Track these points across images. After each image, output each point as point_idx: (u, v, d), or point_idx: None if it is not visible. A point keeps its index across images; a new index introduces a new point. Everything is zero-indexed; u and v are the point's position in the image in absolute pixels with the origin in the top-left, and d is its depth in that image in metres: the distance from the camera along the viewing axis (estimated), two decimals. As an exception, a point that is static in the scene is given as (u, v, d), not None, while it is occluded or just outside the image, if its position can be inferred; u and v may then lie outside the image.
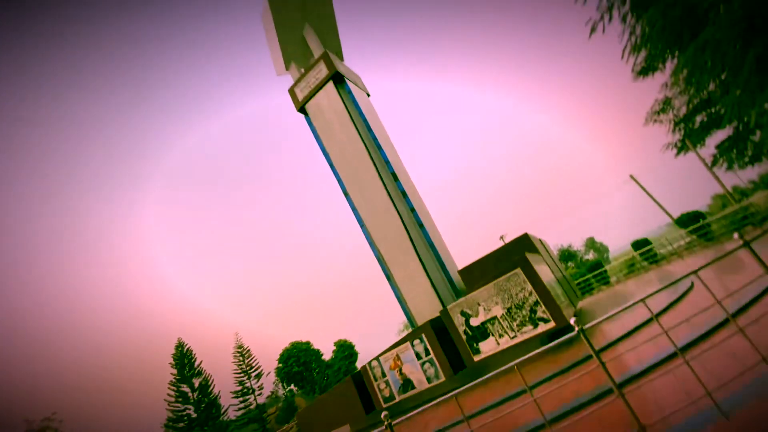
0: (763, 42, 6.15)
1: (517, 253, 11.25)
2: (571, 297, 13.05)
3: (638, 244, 20.76)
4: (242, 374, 35.72)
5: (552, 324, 8.88)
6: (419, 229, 15.99)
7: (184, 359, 33.28)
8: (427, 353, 10.53)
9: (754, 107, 6.91)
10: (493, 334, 9.61)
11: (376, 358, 11.55)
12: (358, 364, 38.92)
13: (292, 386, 39.44)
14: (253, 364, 36.44)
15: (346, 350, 38.62)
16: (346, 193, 17.20)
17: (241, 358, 36.45)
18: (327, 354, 40.38)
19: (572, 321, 3.63)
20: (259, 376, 36.19)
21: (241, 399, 34.61)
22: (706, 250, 15.88)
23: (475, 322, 9.88)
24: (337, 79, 18.07)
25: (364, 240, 16.70)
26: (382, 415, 3.70)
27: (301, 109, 19.08)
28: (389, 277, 15.55)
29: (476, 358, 9.79)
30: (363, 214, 16.54)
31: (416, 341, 10.82)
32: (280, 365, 38.14)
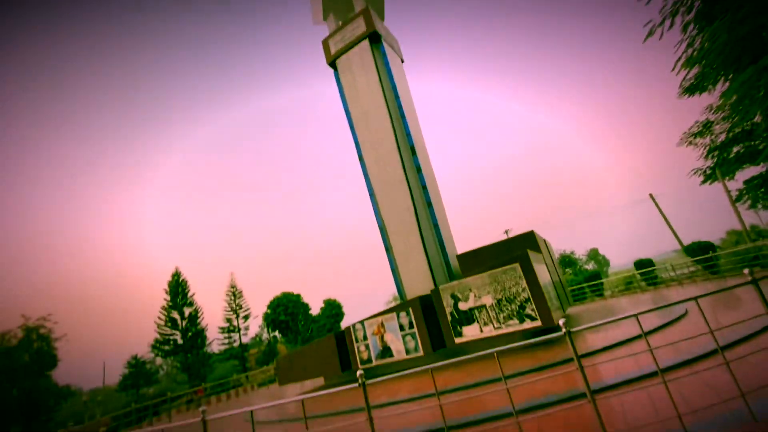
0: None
1: (520, 248, 11.20)
2: (562, 301, 13.11)
3: (641, 264, 20.57)
4: (231, 312, 37.01)
5: (538, 323, 8.96)
6: (427, 208, 15.91)
7: (178, 288, 34.46)
8: (411, 326, 10.76)
9: None
10: (478, 321, 9.74)
11: (361, 322, 11.83)
12: (343, 325, 40.10)
13: (277, 333, 40.90)
14: (243, 305, 37.66)
15: (334, 309, 39.67)
16: (361, 158, 17.04)
17: (232, 297, 37.66)
18: (315, 309, 41.54)
19: (561, 322, 3.63)
20: (246, 317, 37.48)
21: (226, 335, 36.07)
22: (707, 282, 15.72)
23: (463, 306, 10.00)
24: (374, 38, 17.45)
25: (370, 208, 16.68)
26: (358, 374, 3.80)
27: (332, 64, 18.58)
28: (388, 248, 15.65)
29: (457, 341, 9.99)
30: (374, 181, 16.45)
31: (402, 313, 11.03)
32: (269, 311, 39.38)
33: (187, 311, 34.12)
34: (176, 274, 34.97)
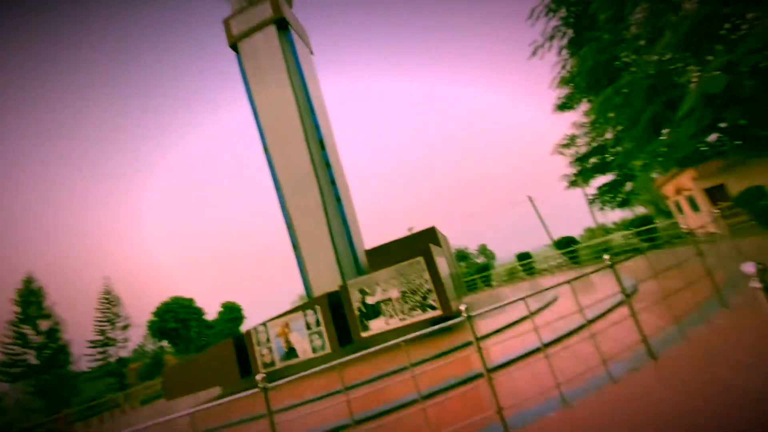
0: (661, 101, 7.27)
1: (422, 243, 11.77)
2: (459, 291, 14.23)
3: (521, 256, 23.48)
4: (106, 323, 31.84)
5: (439, 311, 9.54)
6: (336, 204, 15.76)
7: (30, 297, 28.33)
8: (318, 324, 10.51)
9: (638, 157, 8.23)
10: (384, 314, 9.97)
11: (264, 324, 11.17)
12: (244, 329, 37.57)
13: (165, 343, 36.48)
14: (121, 314, 32.72)
15: (233, 312, 36.93)
16: (266, 149, 16.08)
17: (107, 306, 32.42)
18: (212, 314, 38.16)
19: (462, 308, 3.84)
20: (126, 327, 32.64)
21: (99, 350, 30.89)
22: (571, 271, 18.65)
23: (370, 300, 10.13)
24: (281, 25, 16.60)
25: (276, 206, 15.87)
26: (258, 377, 3.49)
27: (233, 46, 17.14)
28: (296, 246, 15.08)
29: (364, 335, 10.08)
30: (281, 176, 15.67)
31: (309, 311, 10.71)
32: (155, 319, 34.87)
33: (44, 324, 28.22)
34: (28, 281, 28.68)
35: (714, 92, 5.79)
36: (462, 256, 53.75)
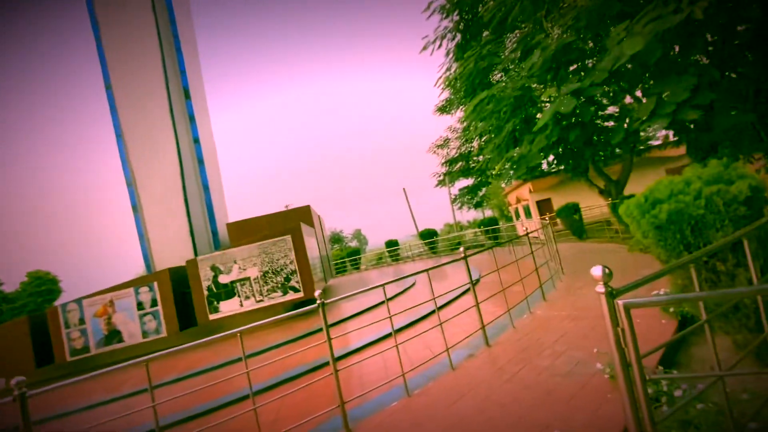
0: (521, 117, 8.19)
1: (294, 221, 11.11)
2: (326, 274, 14.02)
3: (390, 244, 24.76)
4: None
5: (301, 294, 9.09)
6: (197, 165, 13.67)
7: None
8: (154, 304, 8.91)
9: (496, 165, 9.26)
10: (239, 295, 9.03)
11: (77, 301, 8.95)
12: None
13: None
14: None
15: (43, 284, 29.49)
16: (108, 86, 12.87)
17: None
18: (12, 285, 29.83)
19: (317, 293, 3.49)
20: None
21: None
22: (430, 260, 20.42)
23: (224, 279, 9.04)
24: (147, -65, 13.38)
25: (115, 150, 12.90)
26: (13, 381, 2.47)
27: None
28: (136, 208, 12.56)
29: (212, 317, 8.96)
30: (126, 121, 12.76)
31: (144, 288, 8.99)
32: None
33: None
34: None
35: (565, 112, 6.80)
36: (337, 238, 54.31)
